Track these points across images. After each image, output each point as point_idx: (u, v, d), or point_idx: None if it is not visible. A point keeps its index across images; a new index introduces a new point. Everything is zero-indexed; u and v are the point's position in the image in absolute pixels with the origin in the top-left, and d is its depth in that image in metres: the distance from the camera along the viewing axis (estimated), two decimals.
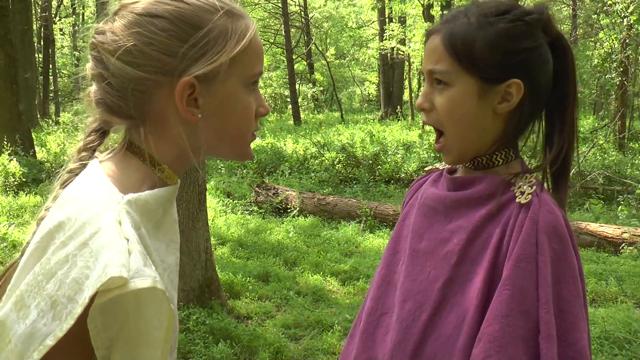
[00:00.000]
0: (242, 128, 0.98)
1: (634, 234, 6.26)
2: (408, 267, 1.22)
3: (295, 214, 7.81)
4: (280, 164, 11.06)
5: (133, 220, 0.85)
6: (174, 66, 0.90)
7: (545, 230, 1.05)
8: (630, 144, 13.18)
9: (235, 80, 0.94)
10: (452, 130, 1.15)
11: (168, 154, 0.96)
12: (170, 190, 0.97)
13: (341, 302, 4.88)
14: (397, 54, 22.51)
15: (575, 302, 1.04)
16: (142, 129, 0.94)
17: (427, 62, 1.16)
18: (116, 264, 0.76)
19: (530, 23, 1.11)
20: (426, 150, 10.93)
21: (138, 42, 0.89)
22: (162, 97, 0.92)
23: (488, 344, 1.01)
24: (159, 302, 0.80)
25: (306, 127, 19.51)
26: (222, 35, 0.92)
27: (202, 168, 4.45)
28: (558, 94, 1.16)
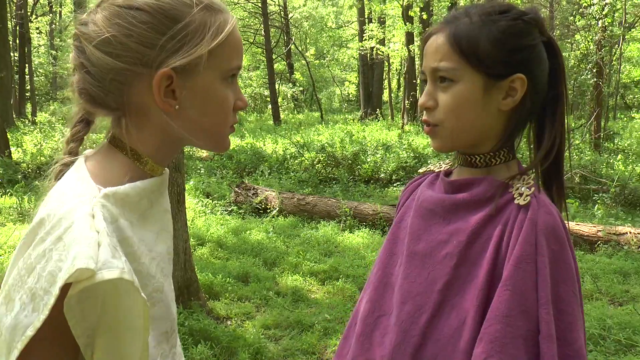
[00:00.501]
0: (219, 120, 1.00)
1: (609, 232, 6.36)
2: (406, 269, 1.22)
3: (275, 214, 7.80)
4: (260, 164, 11.04)
5: (109, 213, 0.88)
6: (152, 58, 0.92)
7: (544, 231, 1.06)
8: (605, 144, 13.37)
9: (212, 73, 0.96)
10: (453, 124, 1.16)
11: (149, 146, 0.98)
12: (154, 182, 0.99)
13: (321, 302, 4.89)
14: (376, 54, 22.60)
15: (572, 302, 1.06)
16: (123, 120, 0.96)
17: (431, 61, 1.17)
18: (84, 256, 0.78)
19: (528, 22, 1.14)
20: (405, 150, 10.98)
21: (118, 33, 0.92)
22: (141, 89, 0.94)
23: (489, 344, 1.02)
24: (129, 292, 0.83)
25: (286, 127, 19.50)
26: (200, 29, 0.94)
27: (181, 168, 4.43)
28: (551, 94, 1.19)
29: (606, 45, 12.68)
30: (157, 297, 0.98)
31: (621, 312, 4.62)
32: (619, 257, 5.98)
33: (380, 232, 7.11)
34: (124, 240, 0.89)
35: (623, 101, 25.55)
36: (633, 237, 6.22)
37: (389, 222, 7.21)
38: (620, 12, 13.60)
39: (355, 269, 5.62)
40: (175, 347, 1.07)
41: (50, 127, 12.93)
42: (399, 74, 30.44)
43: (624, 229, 6.43)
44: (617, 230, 6.43)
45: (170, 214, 1.08)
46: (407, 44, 20.14)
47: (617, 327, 4.28)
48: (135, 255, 0.92)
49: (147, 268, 0.95)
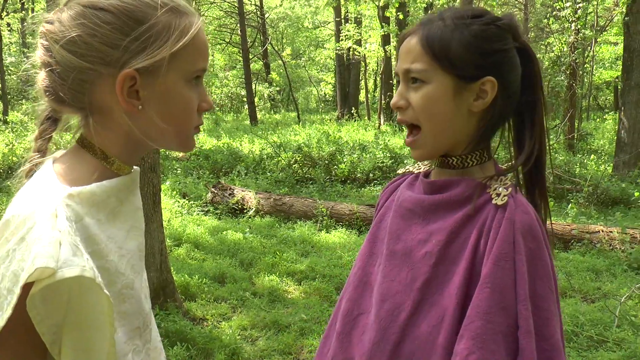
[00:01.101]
0: (183, 121, 1.02)
1: (582, 231, 6.46)
2: (385, 268, 1.24)
3: (252, 215, 7.77)
4: (237, 164, 10.99)
5: (73, 212, 0.90)
6: (116, 58, 0.94)
7: (521, 230, 1.09)
8: (579, 144, 13.57)
9: (176, 75, 0.98)
10: (428, 125, 1.18)
11: (115, 145, 1.00)
12: (122, 180, 1.01)
13: (297, 302, 4.89)
14: (353, 54, 22.65)
15: (549, 299, 1.09)
16: (90, 119, 0.98)
17: (403, 62, 1.20)
18: (44, 255, 0.81)
19: (501, 27, 1.17)
20: (382, 150, 11.03)
21: (82, 32, 0.93)
22: (104, 88, 0.96)
23: (471, 340, 1.05)
24: (92, 290, 0.85)
25: (262, 127, 19.44)
26: (164, 31, 0.96)
27: (157, 169, 4.39)
28: (527, 99, 1.21)
29: (579, 47, 12.88)
30: (127, 293, 0.99)
31: (593, 308, 4.69)
32: (592, 255, 6.08)
33: (356, 232, 7.12)
34: (89, 238, 0.91)
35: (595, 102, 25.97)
36: (605, 236, 6.33)
37: (365, 222, 7.24)
38: (592, 15, 13.83)
39: (332, 268, 5.63)
40: (149, 343, 1.08)
41: (22, 126, 12.71)
42: (375, 75, 30.57)
43: (597, 228, 6.53)
44: (589, 228, 6.54)
45: (142, 212, 1.10)
46: (383, 45, 20.22)
47: (590, 324, 4.35)
48: (102, 253, 0.94)
49: (115, 265, 0.96)
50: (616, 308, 4.53)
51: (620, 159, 10.39)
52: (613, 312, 4.50)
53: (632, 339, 4.10)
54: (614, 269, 5.71)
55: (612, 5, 16.06)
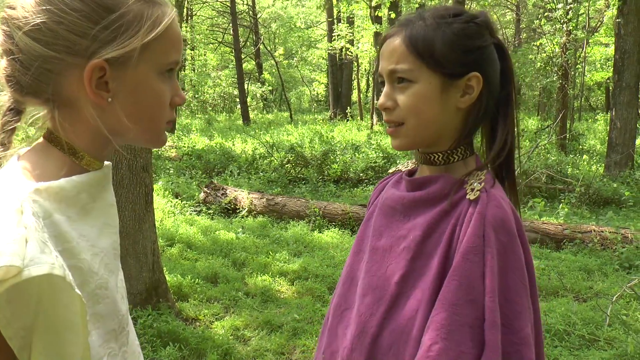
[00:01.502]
0: (154, 115, 0.98)
1: (574, 231, 6.49)
2: (367, 263, 1.28)
3: (244, 214, 7.76)
4: (229, 164, 10.98)
5: (41, 208, 0.85)
6: (84, 47, 0.89)
7: (492, 224, 1.10)
8: (571, 145, 13.63)
9: (147, 67, 0.94)
10: (414, 122, 1.19)
11: (83, 139, 0.95)
12: (93, 176, 0.96)
13: (290, 302, 4.88)
14: (345, 54, 22.67)
15: (520, 292, 1.09)
16: (56, 112, 0.93)
17: (388, 63, 1.21)
18: (8, 253, 0.76)
19: (480, 24, 1.20)
20: (374, 150, 11.04)
21: (48, 19, 0.88)
22: (72, 79, 0.91)
23: (436, 331, 1.06)
24: (63, 290, 0.80)
25: (255, 127, 19.43)
26: (136, 20, 0.91)
27: (149, 169, 4.37)
28: (502, 94, 1.24)
29: (571, 48, 12.94)
30: (101, 293, 0.95)
31: (585, 307, 4.71)
32: (584, 255, 6.11)
33: (349, 232, 7.12)
34: (59, 235, 0.87)
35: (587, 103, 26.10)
36: (597, 235, 6.36)
37: (358, 222, 7.24)
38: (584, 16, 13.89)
39: (325, 268, 5.63)
40: (126, 346, 1.04)
41: None
42: (367, 75, 30.60)
43: (589, 227, 6.56)
44: (581, 228, 6.57)
45: (116, 209, 1.05)
46: (375, 45, 20.24)
47: (582, 323, 4.37)
48: (74, 251, 0.89)
49: (88, 264, 0.92)
50: (607, 307, 4.55)
51: (612, 159, 10.44)
52: (604, 311, 4.52)
53: (623, 337, 4.12)
54: (605, 269, 5.74)
55: (604, 6, 16.14)
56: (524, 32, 21.22)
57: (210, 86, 27.55)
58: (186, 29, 17.82)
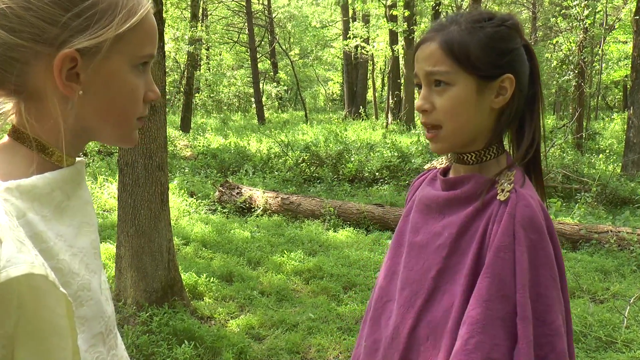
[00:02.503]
0: (127, 110, 0.93)
1: (590, 231, 6.44)
2: (406, 258, 1.37)
3: (259, 213, 7.79)
4: (244, 163, 11.01)
5: (14, 207, 0.80)
6: (54, 36, 0.84)
7: (522, 223, 1.16)
8: (587, 144, 13.51)
9: (121, 59, 0.90)
10: (452, 125, 1.25)
11: (52, 134, 0.90)
12: (66, 172, 0.91)
13: (305, 301, 4.89)
14: (361, 53, 22.64)
15: (550, 286, 1.15)
16: (22, 105, 0.88)
17: (425, 66, 1.25)
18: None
19: (510, 27, 1.25)
20: (389, 149, 11.01)
21: (15, 5, 0.83)
22: (40, 70, 0.85)
23: (471, 325, 1.13)
24: (47, 289, 0.75)
25: (270, 126, 19.47)
26: (110, 9, 0.87)
27: (165, 167, 4.40)
28: (529, 92, 1.30)
29: (587, 46, 12.82)
30: (84, 295, 0.89)
31: (602, 309, 4.67)
32: (600, 255, 6.06)
33: (364, 231, 7.12)
34: (36, 235, 0.81)
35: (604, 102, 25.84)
36: (613, 236, 6.30)
37: (373, 221, 7.24)
38: (601, 13, 13.75)
39: (340, 268, 5.63)
40: (115, 349, 0.99)
41: None
42: (383, 74, 30.54)
43: (605, 228, 6.51)
44: (598, 228, 6.51)
45: (93, 206, 0.99)
46: (390, 44, 20.20)
47: (598, 325, 4.34)
48: (52, 252, 0.84)
49: (68, 265, 0.86)
50: (625, 309, 4.51)
51: (629, 159, 10.34)
52: (622, 312, 4.48)
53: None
54: (622, 269, 5.69)
55: (622, 3, 15.98)
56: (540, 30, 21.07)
57: (225, 85, 27.66)
58: (201, 28, 17.87)
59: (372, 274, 5.52)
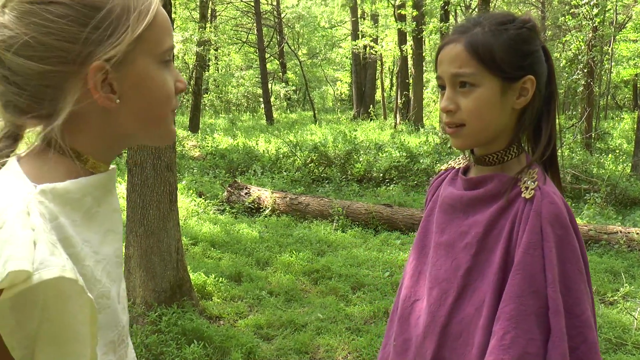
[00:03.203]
0: (162, 106, 0.95)
1: (599, 232, 6.41)
2: (433, 258, 1.40)
3: (268, 214, 7.80)
4: (253, 164, 11.03)
5: (48, 210, 0.81)
6: (78, 52, 0.85)
7: (548, 219, 1.20)
8: (597, 144, 13.44)
9: (146, 59, 0.91)
10: (476, 125, 1.28)
11: (88, 145, 0.92)
12: (98, 178, 0.93)
13: (313, 302, 4.90)
14: (369, 53, 22.62)
15: (578, 280, 1.20)
16: (58, 126, 0.87)
17: (450, 67, 1.29)
18: (17, 258, 0.72)
19: (530, 29, 1.29)
20: (398, 150, 11.00)
21: (36, 33, 0.83)
22: (72, 89, 0.86)
23: (506, 321, 1.17)
24: (73, 294, 0.76)
25: (279, 126, 19.49)
26: (124, 14, 0.88)
27: (173, 168, 4.42)
28: (546, 92, 1.34)
29: (597, 45, 12.75)
30: (102, 303, 0.90)
31: (612, 310, 4.65)
32: (610, 256, 6.03)
33: (372, 232, 7.12)
34: (65, 239, 0.82)
35: (614, 101, 25.70)
36: (623, 237, 6.27)
37: (381, 222, 7.23)
38: (611, 12, 13.68)
39: (348, 268, 5.64)
40: (125, 359, 0.99)
41: None
42: (391, 74, 30.50)
43: (615, 228, 6.47)
44: (607, 229, 6.48)
45: (120, 214, 1.00)
46: (399, 44, 20.17)
47: (608, 326, 4.32)
48: (79, 257, 0.84)
49: (91, 271, 0.87)
50: (635, 310, 4.49)
51: (639, 159, 10.27)
52: (632, 314, 4.46)
53: None
54: (632, 271, 5.66)
55: (632, 1, 15.88)
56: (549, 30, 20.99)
57: (234, 86, 27.70)
58: (210, 29, 17.92)
59: (380, 275, 5.52)
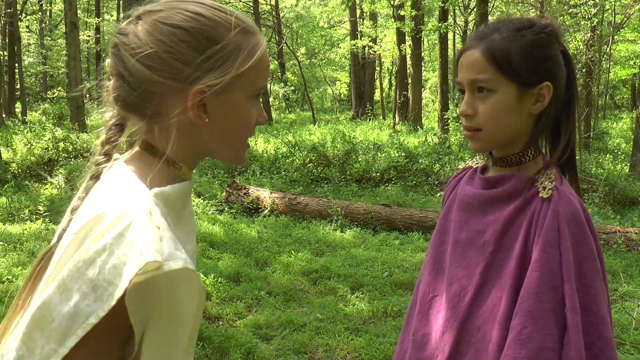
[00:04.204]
0: (241, 135, 1.07)
1: (598, 231, 6.39)
2: (452, 255, 1.44)
3: (266, 214, 7.80)
4: (251, 164, 11.04)
5: (160, 210, 0.94)
6: (188, 74, 0.98)
7: (565, 219, 1.24)
8: (595, 143, 13.46)
9: (240, 92, 1.03)
10: (492, 129, 1.32)
11: (181, 152, 1.04)
12: (187, 185, 1.06)
13: (312, 302, 4.91)
14: (368, 53, 22.63)
15: (594, 278, 1.23)
16: (155, 128, 1.02)
17: (469, 74, 1.32)
18: (150, 250, 0.86)
19: (549, 34, 1.31)
20: (397, 150, 11.01)
21: (159, 48, 0.97)
22: (173, 100, 1.00)
23: (523, 317, 1.20)
24: (190, 281, 0.90)
25: (277, 126, 19.49)
26: (235, 51, 1.00)
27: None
28: (566, 95, 1.36)
29: (595, 44, 12.76)
30: None
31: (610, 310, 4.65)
32: (608, 256, 6.03)
33: (371, 232, 7.13)
34: None
35: (612, 101, 25.72)
36: (621, 236, 6.28)
37: (380, 222, 7.24)
38: (609, 12, 13.69)
39: (347, 268, 5.64)
40: None
41: (40, 126, 12.80)
42: (390, 74, 30.51)
43: (613, 228, 6.48)
44: (606, 229, 6.49)
45: (194, 217, 1.13)
46: (398, 43, 20.18)
47: None
48: None
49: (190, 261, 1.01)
50: (634, 310, 4.50)
51: (638, 158, 10.28)
52: (630, 314, 4.47)
53: None
54: (631, 270, 5.67)
55: (630, 2, 15.89)
56: None
57: None
58: None
59: (379, 275, 5.53)
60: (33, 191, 8.76)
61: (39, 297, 0.91)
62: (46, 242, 6.30)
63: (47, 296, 0.89)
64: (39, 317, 0.89)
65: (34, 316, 0.89)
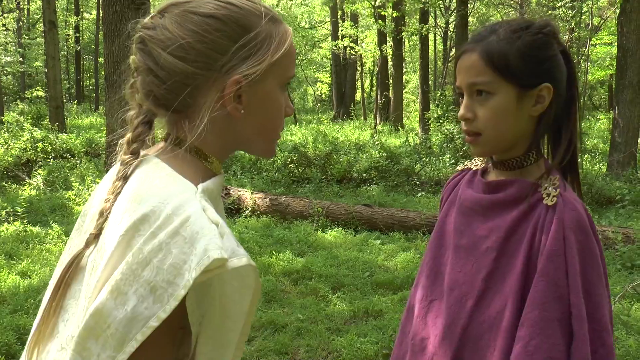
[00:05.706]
0: (276, 125, 1.06)
1: None
2: (452, 260, 1.41)
3: (248, 214, 7.79)
4: (232, 164, 11.01)
5: (209, 206, 0.92)
6: (223, 63, 0.96)
7: (570, 226, 1.22)
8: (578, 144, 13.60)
9: (273, 81, 1.02)
10: (493, 132, 1.30)
11: (213, 146, 1.02)
12: (222, 179, 1.05)
13: (293, 302, 4.91)
14: (349, 54, 22.69)
15: (598, 284, 1.23)
16: (187, 121, 1.00)
17: (467, 77, 1.31)
18: (215, 247, 0.84)
19: (547, 34, 1.30)
20: (378, 150, 11.05)
21: (192, 39, 0.95)
22: (207, 92, 0.97)
23: (530, 327, 1.20)
24: (249, 278, 0.89)
25: None
26: (267, 39, 0.99)
27: None
28: (567, 95, 1.35)
29: (573, 46, 12.93)
30: None
31: None
32: None
33: (352, 232, 7.15)
34: None
35: (590, 101, 26.07)
36: (599, 235, 6.35)
37: (361, 222, 7.27)
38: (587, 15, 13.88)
39: (328, 268, 5.65)
40: None
41: (18, 127, 12.64)
42: (371, 74, 30.60)
43: None
44: None
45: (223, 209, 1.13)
46: (379, 44, 20.25)
47: None
48: None
49: None
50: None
51: (615, 158, 10.44)
52: None
53: (624, 338, 4.13)
54: (607, 269, 5.73)
55: (607, 5, 16.12)
56: None
57: None
58: None
59: (360, 274, 5.55)
60: (11, 192, 8.66)
61: (88, 304, 0.88)
62: (24, 244, 6.24)
63: (100, 302, 0.85)
64: (92, 325, 0.85)
65: (87, 324, 0.85)
